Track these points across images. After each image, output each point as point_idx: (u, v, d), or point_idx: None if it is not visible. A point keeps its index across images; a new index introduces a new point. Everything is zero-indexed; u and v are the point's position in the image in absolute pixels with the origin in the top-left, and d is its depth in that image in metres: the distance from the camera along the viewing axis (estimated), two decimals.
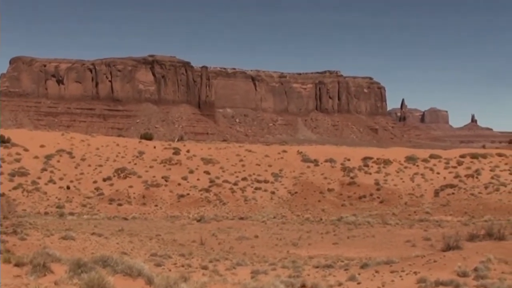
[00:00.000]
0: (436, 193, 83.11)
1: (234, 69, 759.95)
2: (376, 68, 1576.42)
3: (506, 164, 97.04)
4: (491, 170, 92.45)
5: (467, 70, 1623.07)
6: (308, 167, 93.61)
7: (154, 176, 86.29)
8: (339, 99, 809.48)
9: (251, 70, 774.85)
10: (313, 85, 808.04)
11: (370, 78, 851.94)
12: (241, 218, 67.98)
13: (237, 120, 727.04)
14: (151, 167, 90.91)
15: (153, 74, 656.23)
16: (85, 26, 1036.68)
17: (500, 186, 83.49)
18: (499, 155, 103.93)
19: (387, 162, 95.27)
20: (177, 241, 48.21)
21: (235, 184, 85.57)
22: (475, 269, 28.50)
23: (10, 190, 76.81)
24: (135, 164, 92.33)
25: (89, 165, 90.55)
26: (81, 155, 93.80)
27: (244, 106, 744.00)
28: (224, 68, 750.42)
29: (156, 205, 77.69)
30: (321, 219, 67.15)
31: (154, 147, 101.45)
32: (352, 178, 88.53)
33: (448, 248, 34.80)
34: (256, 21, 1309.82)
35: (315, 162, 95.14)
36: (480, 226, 44.64)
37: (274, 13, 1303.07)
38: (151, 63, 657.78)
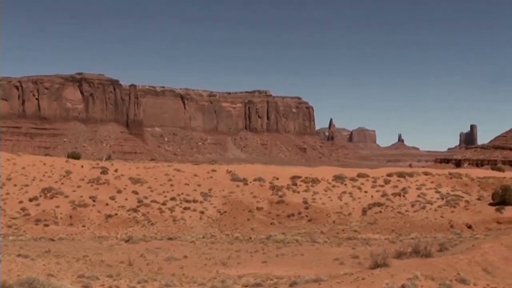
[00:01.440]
0: (364, 212, 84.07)
1: (163, 87, 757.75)
2: (305, 88, 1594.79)
3: (432, 182, 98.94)
4: (417, 189, 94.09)
5: (394, 90, 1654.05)
6: (237, 186, 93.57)
7: (81, 196, 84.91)
8: (268, 118, 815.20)
9: (180, 89, 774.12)
10: (243, 105, 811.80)
11: (299, 98, 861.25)
12: (170, 238, 67.32)
13: (166, 139, 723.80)
14: (78, 186, 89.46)
15: (81, 92, 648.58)
16: (12, 41, 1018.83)
17: (427, 204, 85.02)
18: (426, 173, 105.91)
19: (315, 181, 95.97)
20: (104, 262, 47.42)
21: (164, 204, 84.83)
22: (403, 286, 28.86)
23: None
24: (62, 183, 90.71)
25: (15, 185, 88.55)
26: (7, 175, 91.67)
27: (173, 125, 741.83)
28: (153, 87, 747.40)
29: (83, 226, 76.33)
30: (250, 238, 67.08)
31: (82, 167, 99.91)
32: (280, 196, 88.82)
33: (376, 265, 35.13)
34: (185, 39, 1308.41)
35: (244, 181, 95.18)
36: (407, 244, 45.23)
37: (204, 31, 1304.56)
38: (79, 81, 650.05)
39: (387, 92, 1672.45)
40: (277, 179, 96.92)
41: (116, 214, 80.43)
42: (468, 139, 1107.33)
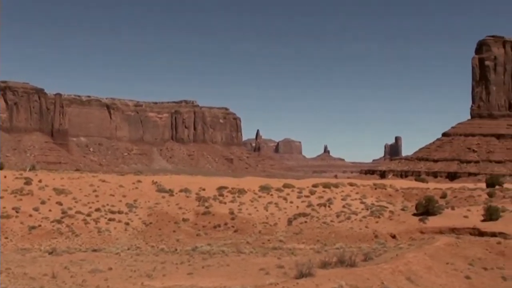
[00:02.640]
0: (290, 222, 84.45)
1: (89, 96, 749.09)
2: (232, 98, 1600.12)
3: (357, 193, 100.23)
4: (342, 199, 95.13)
5: (320, 101, 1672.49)
6: (163, 197, 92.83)
7: (4, 207, 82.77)
8: (195, 129, 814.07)
9: (107, 98, 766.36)
10: (169, 115, 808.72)
11: (226, 109, 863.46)
12: (95, 250, 66.19)
13: (91, 149, 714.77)
14: (1, 197, 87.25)
15: (5, 101, 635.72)
16: None
17: (351, 215, 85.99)
18: (351, 184, 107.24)
19: (241, 192, 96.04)
20: (27, 275, 46.24)
21: (89, 215, 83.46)
22: None
23: None
24: None
25: None
26: None
27: (98, 135, 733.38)
28: (79, 96, 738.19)
29: (6, 238, 74.38)
30: (176, 249, 66.49)
31: (5, 177, 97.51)
32: (207, 207, 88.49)
33: (301, 275, 35.24)
34: (112, 47, 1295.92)
35: (170, 192, 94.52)
36: (332, 254, 45.60)
37: (131, 39, 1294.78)
38: (3, 89, 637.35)
39: (313, 104, 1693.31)
40: (204, 190, 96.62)
41: (39, 225, 78.72)
42: (393, 150, 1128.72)
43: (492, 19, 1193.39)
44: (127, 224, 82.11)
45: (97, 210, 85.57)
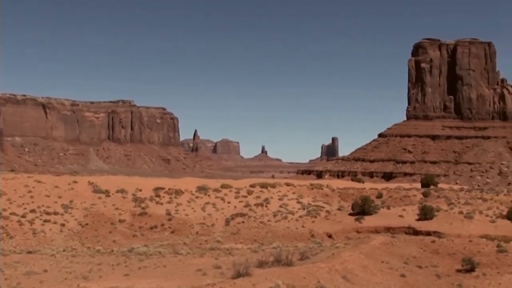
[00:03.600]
0: (227, 222, 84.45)
1: (25, 95, 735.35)
2: (170, 98, 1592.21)
3: (294, 193, 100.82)
4: (279, 199, 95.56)
5: (258, 102, 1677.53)
6: (99, 198, 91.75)
7: None
8: (132, 129, 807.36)
9: (42, 97, 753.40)
10: (106, 114, 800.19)
11: (163, 109, 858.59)
12: (30, 252, 65.00)
13: (27, 149, 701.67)
14: None
15: None
16: None
17: (288, 214, 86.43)
18: (288, 184, 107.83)
19: (178, 192, 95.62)
20: None
21: (23, 216, 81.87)
22: None
23: None
24: None
25: None
26: None
27: (34, 135, 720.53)
28: (14, 95, 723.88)
29: None
30: (112, 251, 65.81)
31: None
32: (143, 208, 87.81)
33: (238, 275, 35.28)
34: (47, 44, 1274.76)
35: (107, 193, 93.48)
36: (269, 253, 45.76)
37: (68, 36, 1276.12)
38: None
39: (251, 104, 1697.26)
40: (140, 190, 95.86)
41: None
42: (330, 151, 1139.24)
43: (429, 22, 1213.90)
44: (63, 225, 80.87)
45: (32, 211, 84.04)
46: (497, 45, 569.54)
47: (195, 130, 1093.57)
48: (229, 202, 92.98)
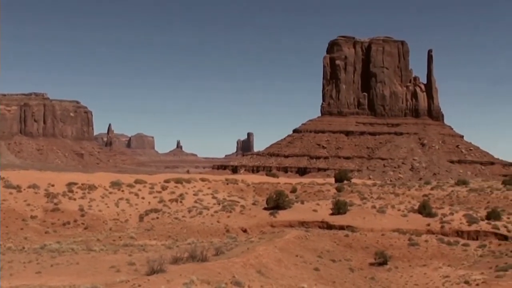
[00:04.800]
0: (141, 218, 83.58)
1: None
2: (84, 91, 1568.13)
3: (209, 188, 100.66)
4: (194, 195, 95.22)
5: (173, 96, 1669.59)
6: (11, 193, 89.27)
7: None
8: (44, 122, 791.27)
9: None
10: (18, 107, 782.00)
11: (77, 102, 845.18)
12: None
13: None
14: None
15: None
16: None
17: (203, 210, 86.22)
18: (203, 180, 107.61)
19: (92, 188, 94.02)
20: None
21: None
22: None
23: None
24: None
25: None
26: None
27: None
28: None
29: None
30: (24, 248, 64.19)
31: None
32: (56, 204, 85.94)
33: (152, 271, 34.94)
34: None
35: (18, 188, 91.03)
36: (183, 249, 45.46)
37: None
38: None
39: (166, 98, 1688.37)
40: (53, 186, 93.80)
41: None
42: (245, 146, 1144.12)
43: (344, 20, 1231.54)
44: None
45: None
46: (410, 43, 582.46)
47: (109, 124, 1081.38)
48: (143, 198, 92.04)
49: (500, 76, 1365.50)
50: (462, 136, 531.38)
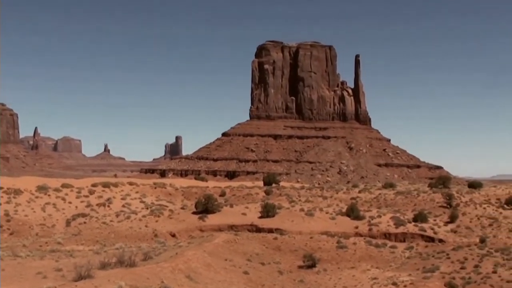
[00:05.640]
0: (68, 223, 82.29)
1: None
2: (8, 93, 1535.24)
3: (137, 192, 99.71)
4: (122, 199, 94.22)
5: (101, 98, 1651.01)
6: None
7: None
8: None
9: None
10: None
11: (3, 105, 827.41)
12: None
13: None
14: None
15: None
16: None
17: (131, 214, 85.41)
18: (130, 183, 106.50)
19: (17, 192, 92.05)
20: None
21: None
22: None
23: None
24: None
25: None
26: None
27: None
28: None
29: None
30: None
31: None
32: None
33: (80, 277, 34.47)
34: None
35: None
36: (111, 254, 44.96)
37: None
38: None
39: (94, 101, 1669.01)
40: None
41: None
42: (173, 149, 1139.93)
43: (272, 25, 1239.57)
44: None
45: None
46: (337, 48, 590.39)
47: (36, 127, 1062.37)
48: (70, 202, 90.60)
49: (426, 81, 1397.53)
50: (389, 140, 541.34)
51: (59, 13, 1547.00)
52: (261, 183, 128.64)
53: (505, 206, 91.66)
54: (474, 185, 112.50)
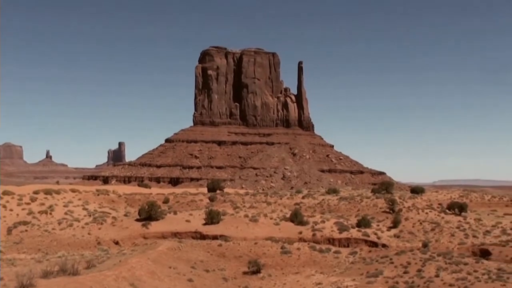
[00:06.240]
0: (9, 231, 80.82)
1: None
2: None
3: (79, 199, 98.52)
4: (65, 206, 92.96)
5: (42, 105, 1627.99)
6: None
7: None
8: None
9: None
10: None
11: None
12: None
13: None
14: None
15: None
16: None
17: (74, 222, 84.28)
18: (73, 190, 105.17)
19: None
20: None
21: None
22: None
23: None
24: None
25: None
26: None
27: None
28: None
29: None
30: None
31: None
32: None
33: (21, 286, 33.99)
34: None
35: None
36: (54, 263, 44.29)
37: None
38: None
39: (35, 106, 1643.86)
40: None
41: None
42: (116, 156, 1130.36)
43: (217, 30, 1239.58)
44: None
45: None
46: (281, 55, 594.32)
47: None
48: (11, 210, 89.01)
49: (370, 88, 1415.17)
50: (332, 146, 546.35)
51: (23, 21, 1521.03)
52: (205, 190, 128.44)
53: (447, 211, 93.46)
54: (416, 190, 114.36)
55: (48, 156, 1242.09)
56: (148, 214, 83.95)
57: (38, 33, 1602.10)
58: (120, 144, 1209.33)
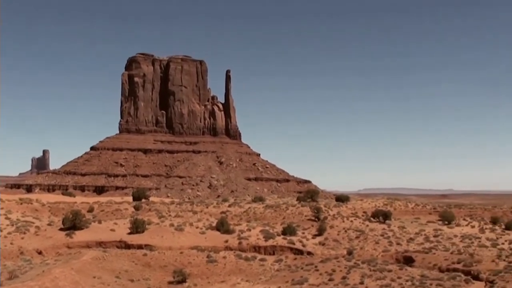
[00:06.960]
0: None
1: None
2: None
3: (2, 208, 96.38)
4: None
5: None
6: None
7: None
8: None
9: None
10: None
11: None
12: None
13: None
14: None
15: None
16: None
17: None
18: None
19: None
20: None
21: None
22: None
23: None
24: None
25: None
26: None
27: None
28: None
29: None
30: None
31: None
32: None
33: None
34: None
35: None
36: None
37: None
38: None
39: None
40: None
41: None
42: (40, 164, 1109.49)
43: (144, 37, 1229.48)
44: None
45: None
46: (208, 63, 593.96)
47: None
48: None
49: (295, 98, 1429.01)
50: (259, 155, 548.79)
51: None
52: (130, 198, 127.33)
53: (371, 219, 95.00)
54: (341, 198, 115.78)
55: None
56: (72, 223, 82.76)
57: None
58: (44, 151, 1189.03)
